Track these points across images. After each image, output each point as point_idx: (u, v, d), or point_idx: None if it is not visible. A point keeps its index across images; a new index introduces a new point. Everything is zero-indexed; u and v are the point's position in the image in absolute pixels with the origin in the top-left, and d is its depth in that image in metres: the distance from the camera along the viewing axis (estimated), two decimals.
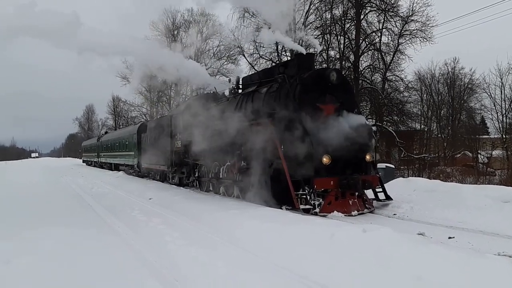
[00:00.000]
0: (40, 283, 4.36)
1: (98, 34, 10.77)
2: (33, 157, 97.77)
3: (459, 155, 27.29)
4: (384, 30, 22.78)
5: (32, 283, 4.35)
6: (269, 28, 21.41)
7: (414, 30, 22.16)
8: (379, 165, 12.54)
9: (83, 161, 49.07)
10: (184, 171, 14.78)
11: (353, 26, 23.00)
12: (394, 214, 8.39)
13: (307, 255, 5.02)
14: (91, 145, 43.09)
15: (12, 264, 4.90)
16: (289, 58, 21.92)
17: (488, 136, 29.35)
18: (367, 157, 9.06)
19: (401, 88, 23.94)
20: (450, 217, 7.61)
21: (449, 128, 30.01)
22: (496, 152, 24.06)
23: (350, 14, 23.00)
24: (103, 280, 4.45)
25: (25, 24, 9.70)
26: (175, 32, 35.20)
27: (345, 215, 8.05)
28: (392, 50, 23.06)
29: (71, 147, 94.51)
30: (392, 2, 22.30)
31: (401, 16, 22.24)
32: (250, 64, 26.05)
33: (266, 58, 25.26)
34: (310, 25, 23.57)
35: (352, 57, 23.09)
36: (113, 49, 11.26)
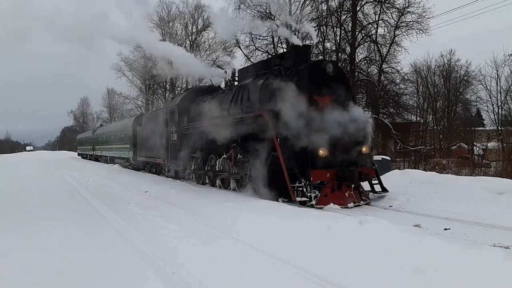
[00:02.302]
0: (36, 275, 4.34)
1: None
2: (28, 151, 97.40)
3: (454, 147, 27.40)
4: (380, 21, 22.68)
5: (28, 275, 4.34)
6: (266, 19, 21.31)
7: (410, 21, 22.06)
8: (375, 157, 12.58)
9: (78, 154, 48.90)
10: (180, 164, 14.75)
11: (349, 18, 22.86)
12: (390, 206, 8.42)
13: (304, 247, 5.03)
14: (86, 138, 42.89)
15: (8, 256, 4.88)
16: (285, 50, 21.82)
17: (483, 128, 29.44)
18: (364, 149, 9.06)
19: (397, 80, 23.94)
20: (446, 208, 7.66)
21: (445, 120, 30.09)
22: (491, 144, 24.17)
23: (346, 6, 22.87)
24: (100, 273, 4.44)
25: None
26: (170, 24, 34.95)
27: (341, 207, 8.07)
28: (388, 42, 22.99)
29: (66, 140, 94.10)
30: None
31: (397, 8, 22.13)
32: (246, 56, 25.92)
33: (262, 50, 25.13)
34: (306, 16, 23.44)
35: (348, 49, 22.99)
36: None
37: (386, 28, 22.92)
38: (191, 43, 34.51)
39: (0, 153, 61.97)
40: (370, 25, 23.12)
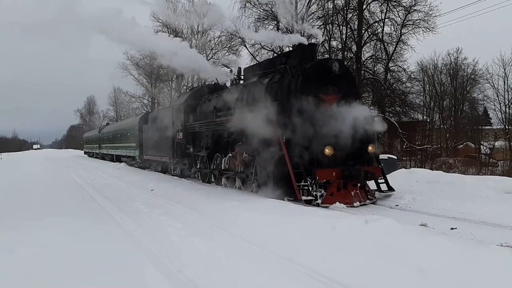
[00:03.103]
0: (42, 272, 4.36)
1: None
2: (35, 149, 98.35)
3: (461, 146, 27.19)
4: (386, 20, 22.59)
5: (34, 272, 4.36)
6: (273, 20, 21.15)
7: (417, 20, 21.94)
8: (381, 156, 12.51)
9: (85, 153, 49.25)
10: (186, 162, 14.78)
11: (355, 16, 22.79)
12: (396, 205, 8.38)
13: (308, 246, 5.02)
14: (92, 136, 43.16)
15: (14, 253, 4.91)
16: (291, 49, 21.76)
17: (490, 127, 29.18)
18: (370, 148, 9.03)
19: (404, 79, 23.84)
20: (452, 208, 7.60)
21: (451, 119, 29.86)
22: (498, 143, 23.97)
23: (353, 4, 22.80)
24: (105, 270, 4.46)
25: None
26: (176, 23, 34.96)
27: (347, 206, 8.03)
28: (394, 41, 22.89)
29: (73, 139, 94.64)
30: None
31: (404, 6, 22.03)
32: (252, 54, 25.90)
33: (268, 49, 25.08)
34: (312, 15, 23.39)
35: (354, 48, 22.93)
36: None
37: (392, 26, 22.85)
38: (197, 42, 34.50)
39: (7, 152, 62.52)
40: (376, 24, 23.04)
